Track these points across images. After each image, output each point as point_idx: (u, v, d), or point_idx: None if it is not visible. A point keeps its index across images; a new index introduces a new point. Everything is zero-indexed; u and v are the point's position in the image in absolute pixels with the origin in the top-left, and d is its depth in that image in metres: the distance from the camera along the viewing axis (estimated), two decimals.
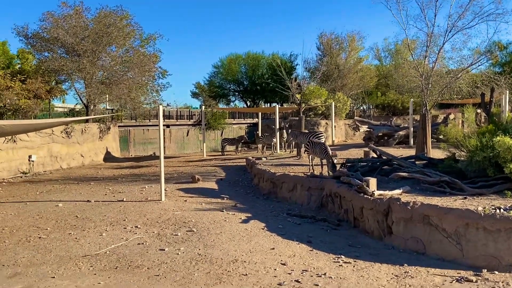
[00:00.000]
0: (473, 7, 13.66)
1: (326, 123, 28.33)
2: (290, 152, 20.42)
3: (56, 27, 21.69)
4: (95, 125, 22.91)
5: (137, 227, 8.53)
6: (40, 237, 7.97)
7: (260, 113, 29.44)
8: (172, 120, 31.86)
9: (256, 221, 8.94)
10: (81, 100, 23.91)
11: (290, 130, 18.92)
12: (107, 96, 24.53)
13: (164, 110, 22.89)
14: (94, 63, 22.40)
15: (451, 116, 24.02)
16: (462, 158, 9.68)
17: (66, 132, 20.44)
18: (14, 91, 18.14)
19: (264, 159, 17.44)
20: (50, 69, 22.03)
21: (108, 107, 29.16)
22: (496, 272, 5.80)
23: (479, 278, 5.63)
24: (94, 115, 22.69)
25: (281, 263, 6.34)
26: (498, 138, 8.04)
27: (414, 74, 15.63)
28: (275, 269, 6.09)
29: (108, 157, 23.45)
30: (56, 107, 31.17)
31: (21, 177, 17.08)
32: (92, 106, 23.28)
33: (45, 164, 19.18)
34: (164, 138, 16.80)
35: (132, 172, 17.76)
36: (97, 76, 23.22)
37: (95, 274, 6.04)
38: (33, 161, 18.28)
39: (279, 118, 22.04)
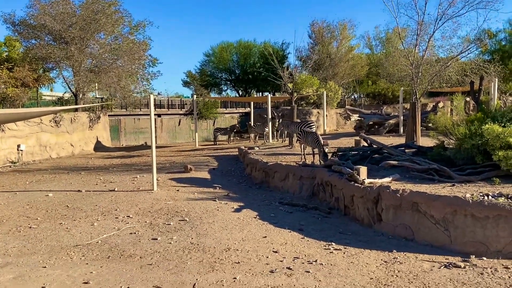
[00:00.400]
0: None
1: (318, 112, 28.38)
2: (282, 142, 20.46)
3: (43, 14, 21.28)
4: (85, 114, 22.66)
5: (129, 216, 8.52)
6: (30, 227, 7.93)
7: (252, 103, 29.34)
8: (164, 109, 31.59)
9: (248, 210, 8.99)
10: (70, 89, 23.59)
11: (281, 120, 18.92)
12: (96, 84, 24.23)
13: (155, 99, 22.66)
14: (82, 51, 22.06)
15: (441, 105, 24.22)
16: (451, 146, 9.80)
17: (55, 121, 20.20)
18: (1, 79, 17.84)
19: (256, 148, 17.46)
20: (38, 56, 21.66)
21: (97, 96, 28.82)
22: (484, 258, 5.92)
23: (467, 264, 5.74)
24: (83, 104, 22.43)
25: (273, 251, 6.40)
26: (487, 126, 8.13)
27: (404, 63, 15.68)
28: (267, 257, 6.15)
29: (99, 147, 23.26)
30: (44, 95, 30.69)
31: (10, 167, 16.90)
32: (81, 95, 22.99)
33: (34, 154, 18.98)
34: (155, 127, 16.65)
35: (123, 162, 17.66)
36: (85, 64, 22.89)
37: (87, 263, 6.04)
38: (22, 150, 18.08)
39: (271, 107, 22.02)
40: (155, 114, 12.66)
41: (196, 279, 5.39)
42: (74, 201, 10.01)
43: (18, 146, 17.96)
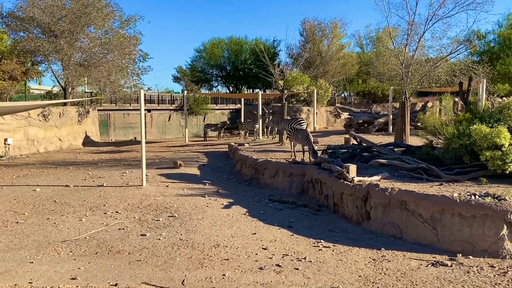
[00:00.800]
0: None
1: (308, 110, 28.45)
2: (272, 139, 20.45)
3: (32, 6, 20.87)
4: (74, 109, 22.36)
5: (117, 212, 8.44)
6: (17, 222, 7.80)
7: (242, 99, 29.30)
8: (154, 104, 31.41)
9: (238, 206, 8.97)
10: (59, 83, 23.22)
11: (271, 117, 18.91)
12: (85, 78, 23.90)
13: (145, 94, 22.51)
14: (71, 44, 21.71)
15: (429, 104, 24.46)
16: (439, 146, 9.89)
17: (43, 115, 19.89)
18: None
19: (246, 145, 17.42)
20: (26, 49, 21.25)
21: (86, 90, 28.46)
22: (471, 257, 6.00)
23: (454, 262, 5.81)
24: (72, 98, 22.10)
25: (262, 248, 6.40)
26: (474, 126, 8.22)
27: (394, 62, 15.79)
28: (257, 254, 6.14)
29: (87, 142, 22.99)
30: (32, 89, 30.23)
31: None
32: (70, 89, 22.65)
33: (22, 148, 18.68)
34: (145, 122, 16.47)
35: (112, 157, 17.48)
36: (75, 58, 22.53)
37: (75, 259, 5.96)
38: (9, 144, 17.77)
39: (261, 104, 21.99)
40: (145, 109, 12.61)
41: (185, 276, 5.36)
42: (62, 196, 9.87)
43: (5, 140, 17.65)
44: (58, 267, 5.66)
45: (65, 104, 21.90)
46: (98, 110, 25.68)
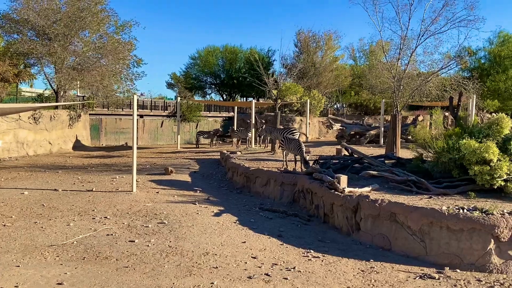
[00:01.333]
0: (446, 13, 14.06)
1: (301, 120, 28.58)
2: (264, 147, 20.50)
3: (26, 9, 20.81)
4: (65, 112, 22.20)
5: (106, 217, 8.37)
6: (4, 225, 7.69)
7: (236, 107, 29.35)
8: (146, 110, 31.24)
9: (228, 214, 8.95)
10: (51, 86, 23.08)
11: (264, 126, 18.98)
12: (78, 82, 23.77)
13: (138, 99, 22.39)
14: (65, 48, 21.63)
15: (420, 118, 24.75)
16: (429, 159, 10.01)
17: (34, 118, 19.72)
18: None
19: (238, 153, 17.43)
20: (19, 51, 21.11)
21: (79, 94, 28.29)
22: (458, 270, 6.05)
23: (441, 275, 5.85)
24: (64, 101, 21.95)
25: (251, 257, 6.39)
26: (464, 140, 8.34)
27: (387, 76, 15.98)
28: (246, 263, 6.13)
29: (78, 146, 22.81)
30: (24, 91, 30.00)
31: None
32: (62, 92, 22.51)
33: (11, 150, 18.47)
34: (137, 128, 16.31)
35: (102, 162, 17.36)
36: (68, 61, 22.43)
37: (61, 264, 5.89)
38: None
39: (255, 113, 22.06)
40: (137, 115, 12.56)
41: (173, 283, 5.33)
42: (50, 200, 9.76)
43: None
44: (45, 271, 5.59)
45: (56, 107, 21.74)
46: (89, 114, 25.52)
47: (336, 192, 8.34)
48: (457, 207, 6.80)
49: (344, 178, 8.55)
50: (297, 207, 9.95)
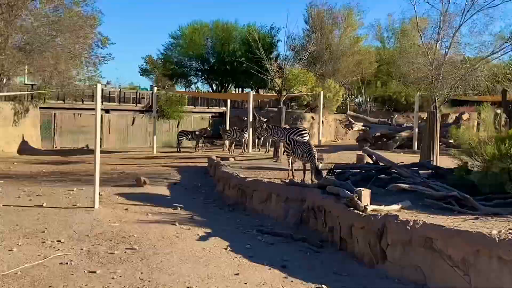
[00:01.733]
0: None
1: (312, 118, 28.69)
2: (265, 152, 20.55)
3: None
4: (9, 105, 22.20)
5: (60, 241, 8.37)
6: None
7: (229, 101, 29.44)
8: (114, 103, 31.32)
9: (217, 238, 8.97)
10: None
11: (265, 125, 19.03)
12: (26, 67, 23.80)
13: (103, 89, 22.45)
14: (9, 22, 21.61)
15: (465, 116, 24.85)
16: (475, 169, 10.02)
17: None
18: None
19: (231, 159, 17.46)
20: None
21: (27, 82, 28.31)
22: None
23: None
24: (7, 91, 21.97)
25: None
26: None
27: (422, 62, 16.02)
28: None
29: (25, 148, 22.82)
30: None
31: None
32: (5, 79, 22.52)
33: None
34: (101, 126, 16.35)
35: (56, 169, 17.37)
36: (13, 39, 22.45)
37: None
38: None
39: (253, 108, 22.12)
40: (102, 109, 12.58)
41: None
42: None
43: None
44: None
45: None
46: (40, 108, 25.53)
47: (356, 211, 8.35)
48: (511, 231, 6.81)
49: (366, 193, 8.56)
50: (305, 230, 9.96)
